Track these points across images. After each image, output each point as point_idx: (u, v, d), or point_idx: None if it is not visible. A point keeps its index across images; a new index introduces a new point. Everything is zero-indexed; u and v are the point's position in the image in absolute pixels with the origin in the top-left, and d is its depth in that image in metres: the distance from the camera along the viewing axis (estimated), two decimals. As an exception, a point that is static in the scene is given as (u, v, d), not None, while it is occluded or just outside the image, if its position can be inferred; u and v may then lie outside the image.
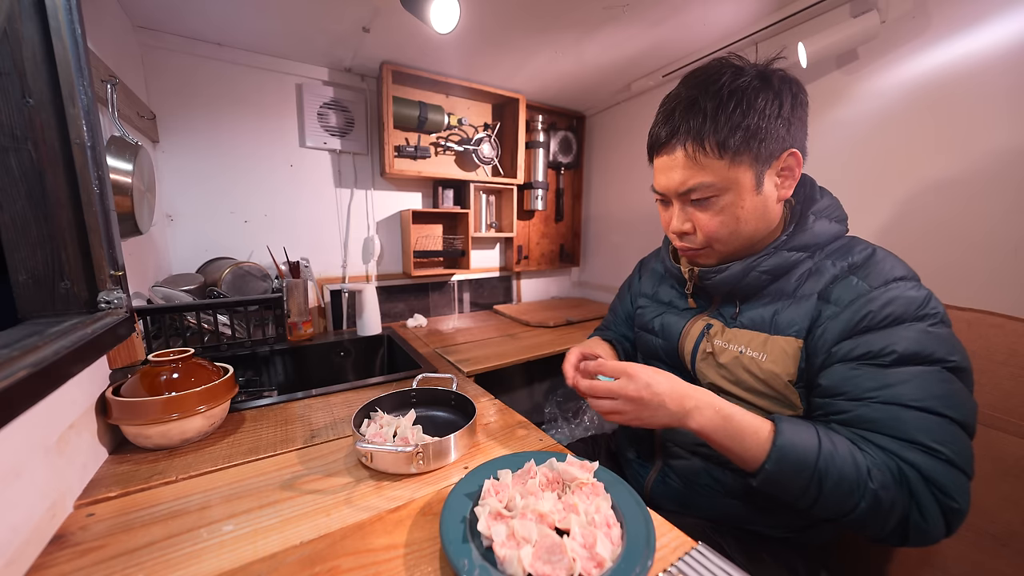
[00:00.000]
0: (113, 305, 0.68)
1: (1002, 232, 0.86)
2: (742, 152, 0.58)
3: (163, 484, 0.62)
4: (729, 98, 0.58)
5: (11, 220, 0.60)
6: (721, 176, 0.60)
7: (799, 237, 0.64)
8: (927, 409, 0.51)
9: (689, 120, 0.60)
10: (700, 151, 0.59)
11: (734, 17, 1.17)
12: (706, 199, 0.62)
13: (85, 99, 0.62)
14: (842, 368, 0.56)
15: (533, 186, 1.88)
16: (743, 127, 0.57)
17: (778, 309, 0.64)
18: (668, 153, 0.64)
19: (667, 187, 0.65)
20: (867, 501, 0.49)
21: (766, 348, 0.63)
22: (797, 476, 0.51)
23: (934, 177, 0.96)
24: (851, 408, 0.54)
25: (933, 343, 0.53)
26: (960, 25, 0.90)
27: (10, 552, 0.44)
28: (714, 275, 0.68)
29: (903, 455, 0.50)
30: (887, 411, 0.52)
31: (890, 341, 0.53)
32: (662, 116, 0.64)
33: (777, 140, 0.59)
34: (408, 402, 0.85)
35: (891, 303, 0.55)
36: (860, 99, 1.07)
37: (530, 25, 1.19)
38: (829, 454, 0.51)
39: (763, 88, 0.59)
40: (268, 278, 1.35)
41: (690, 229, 0.66)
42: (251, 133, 1.38)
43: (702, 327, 0.72)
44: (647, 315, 0.85)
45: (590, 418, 1.58)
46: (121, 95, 0.94)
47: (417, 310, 1.78)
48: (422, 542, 0.51)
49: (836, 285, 0.61)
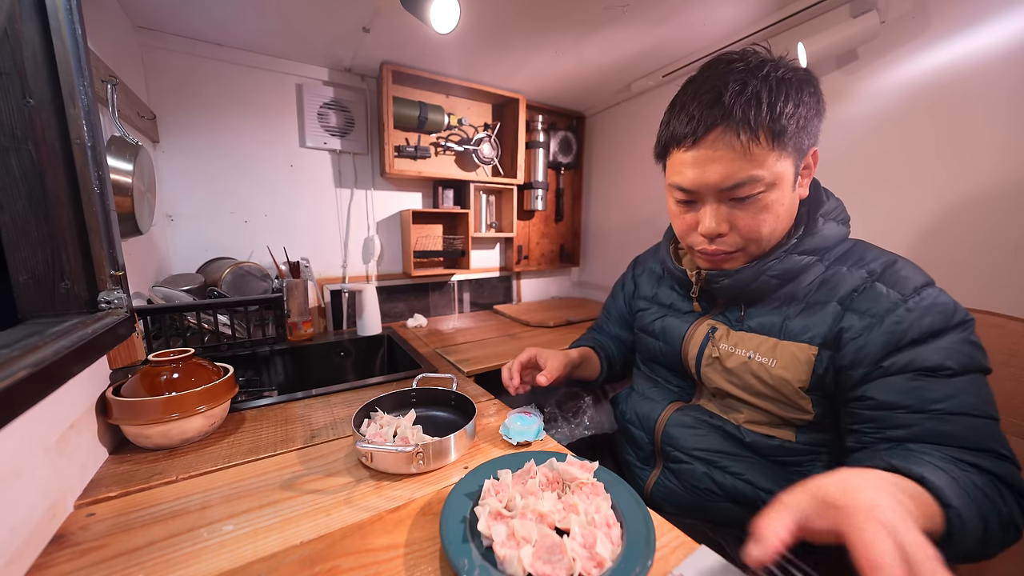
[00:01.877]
0: (113, 305, 0.68)
1: (1002, 232, 0.87)
2: (790, 144, 0.56)
3: (163, 484, 0.62)
4: (779, 85, 0.55)
5: (11, 220, 0.60)
6: (772, 170, 0.56)
7: (809, 240, 0.62)
8: (988, 416, 0.51)
9: (743, 105, 0.54)
10: (754, 140, 0.55)
11: (734, 17, 1.17)
12: (752, 196, 0.58)
13: (85, 99, 0.62)
14: (899, 381, 0.54)
15: (533, 186, 1.88)
16: (795, 117, 0.55)
17: (788, 314, 0.63)
18: (709, 144, 0.57)
19: (704, 183, 0.59)
20: (1009, 528, 0.48)
21: (775, 353, 0.61)
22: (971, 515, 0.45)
23: (934, 177, 0.96)
24: (916, 422, 0.52)
25: (977, 352, 0.54)
26: (960, 25, 0.90)
27: (10, 552, 0.44)
28: (723, 279, 0.65)
29: (982, 465, 0.49)
30: (956, 421, 0.51)
31: (943, 356, 0.53)
32: (704, 101, 0.57)
33: (812, 135, 0.58)
34: (408, 402, 0.85)
35: (928, 312, 0.54)
36: (860, 99, 1.07)
37: (530, 25, 1.19)
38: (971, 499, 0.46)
39: (805, 81, 0.57)
40: (268, 278, 1.35)
41: (727, 230, 0.61)
42: (251, 133, 1.38)
43: (706, 331, 0.71)
44: (647, 317, 0.84)
45: (590, 418, 1.58)
46: (121, 95, 0.94)
47: (417, 310, 1.78)
48: (422, 542, 0.51)
49: (862, 295, 0.58)
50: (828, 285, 0.61)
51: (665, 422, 0.75)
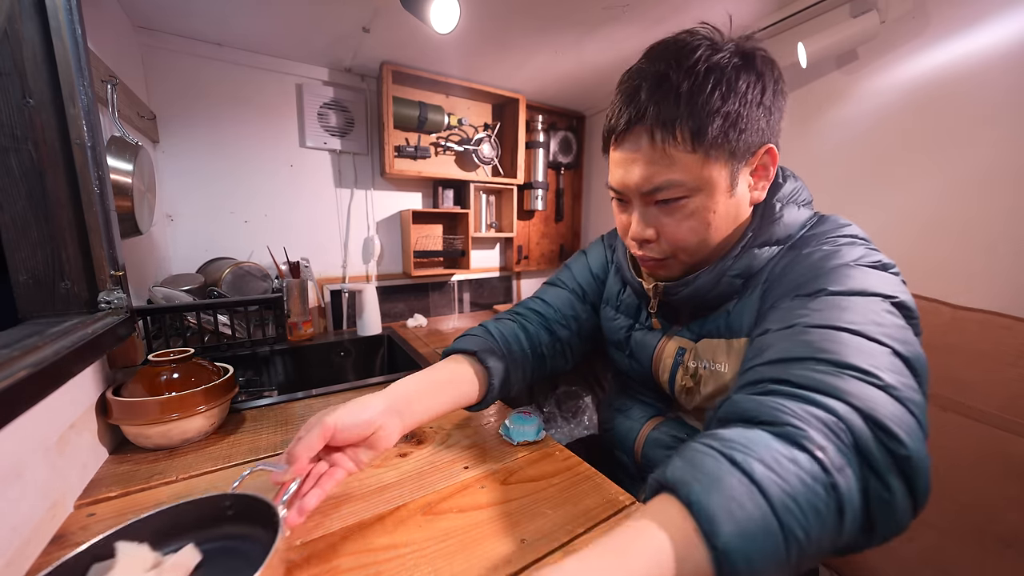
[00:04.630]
0: (113, 305, 0.68)
1: (1003, 232, 0.87)
2: (719, 145, 0.49)
3: (163, 484, 0.62)
4: (706, 77, 0.48)
5: (11, 220, 0.60)
6: (693, 174, 0.50)
7: (769, 230, 0.55)
8: (863, 334, 0.39)
9: (658, 101, 0.49)
10: (670, 141, 0.49)
11: (734, 17, 1.17)
12: (674, 200, 0.52)
13: (85, 99, 0.62)
14: (772, 311, 0.47)
15: (533, 186, 1.88)
16: (722, 113, 0.48)
17: (729, 309, 0.57)
18: (630, 142, 0.53)
19: (625, 184, 0.55)
20: (836, 500, 0.32)
21: (728, 356, 0.57)
22: (768, 548, 0.30)
23: (934, 177, 0.96)
24: (774, 342, 0.42)
25: (872, 279, 0.45)
26: (959, 25, 0.90)
27: (10, 552, 0.44)
28: (681, 289, 0.59)
29: (835, 388, 0.36)
30: (813, 334, 0.40)
31: (823, 281, 0.45)
32: (623, 96, 0.53)
33: (756, 132, 0.51)
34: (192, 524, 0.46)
35: (821, 253, 0.49)
36: (860, 99, 1.07)
37: (530, 25, 1.19)
38: (788, 511, 0.31)
39: (744, 68, 0.50)
40: (268, 278, 1.35)
41: (653, 236, 0.56)
42: (251, 133, 1.38)
43: (674, 352, 0.64)
44: (616, 331, 0.73)
45: (589, 417, 1.58)
46: (121, 95, 0.94)
47: (417, 310, 1.78)
48: (422, 542, 0.51)
49: (776, 265, 0.54)
50: (760, 270, 0.56)
51: (644, 442, 0.71)
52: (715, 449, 0.34)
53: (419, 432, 0.77)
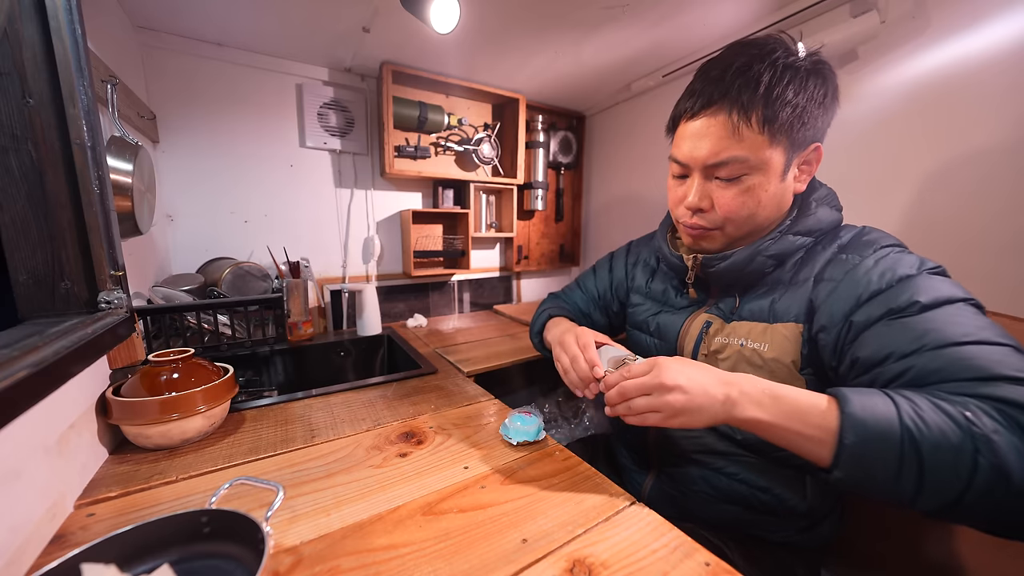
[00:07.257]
0: (113, 305, 0.68)
1: (1004, 232, 0.86)
2: (783, 132, 0.56)
3: (163, 484, 0.62)
4: (783, 72, 0.55)
5: (11, 220, 0.60)
6: (756, 154, 0.57)
7: (803, 222, 0.62)
8: (984, 341, 0.44)
9: (741, 86, 0.56)
10: (744, 122, 0.56)
11: (734, 17, 1.17)
12: (735, 177, 0.60)
13: (85, 99, 0.62)
14: (876, 332, 0.51)
15: (533, 186, 1.88)
16: (792, 104, 0.55)
17: (775, 297, 0.63)
18: (705, 118, 0.60)
19: (693, 156, 0.62)
20: (985, 456, 0.38)
21: (766, 337, 0.62)
22: (885, 446, 0.41)
23: (935, 177, 0.96)
24: (907, 367, 0.47)
25: (947, 286, 0.50)
26: (959, 25, 0.90)
27: (10, 552, 0.44)
28: (719, 262, 0.66)
29: (990, 393, 0.41)
30: (946, 355, 0.45)
31: (908, 293, 0.50)
32: (709, 78, 0.60)
33: (813, 129, 0.58)
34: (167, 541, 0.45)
35: (882, 262, 0.55)
36: (860, 99, 1.07)
37: (530, 25, 1.19)
38: (911, 410, 0.41)
39: (814, 72, 0.57)
40: (268, 278, 1.35)
41: (708, 206, 0.63)
42: (251, 133, 1.38)
43: (701, 325, 0.71)
44: (642, 314, 0.83)
45: (589, 418, 1.58)
46: (121, 95, 0.94)
47: (417, 310, 1.78)
48: (422, 542, 0.51)
49: (829, 265, 0.60)
50: (807, 265, 0.63)
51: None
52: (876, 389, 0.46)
53: (419, 432, 0.77)
